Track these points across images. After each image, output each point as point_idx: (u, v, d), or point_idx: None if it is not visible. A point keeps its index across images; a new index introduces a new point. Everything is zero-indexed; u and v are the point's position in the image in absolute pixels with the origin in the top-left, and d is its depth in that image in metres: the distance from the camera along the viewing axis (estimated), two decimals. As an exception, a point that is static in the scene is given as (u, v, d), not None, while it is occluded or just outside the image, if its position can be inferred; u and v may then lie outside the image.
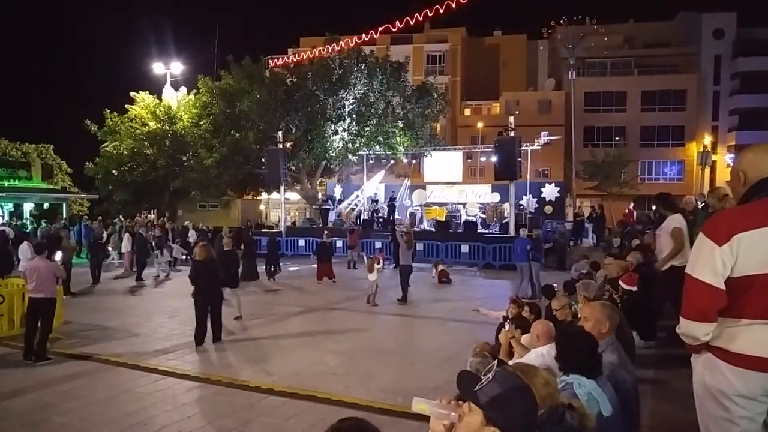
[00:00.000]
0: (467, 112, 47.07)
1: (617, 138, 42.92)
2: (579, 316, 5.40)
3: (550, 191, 27.10)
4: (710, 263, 2.54)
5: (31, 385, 7.04)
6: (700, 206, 8.84)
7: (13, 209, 27.23)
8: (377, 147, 26.79)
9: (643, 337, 6.60)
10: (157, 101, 31.47)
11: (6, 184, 26.41)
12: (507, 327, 5.46)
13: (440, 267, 16.53)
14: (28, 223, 24.69)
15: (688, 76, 42.44)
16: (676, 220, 7.04)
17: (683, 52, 43.61)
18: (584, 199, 37.81)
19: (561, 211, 28.07)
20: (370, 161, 28.24)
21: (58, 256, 9.84)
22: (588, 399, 2.79)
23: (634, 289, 6.95)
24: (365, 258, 19.10)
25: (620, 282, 7.03)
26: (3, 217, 25.75)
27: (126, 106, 31.55)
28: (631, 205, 30.00)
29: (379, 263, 12.81)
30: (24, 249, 13.27)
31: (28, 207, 28.09)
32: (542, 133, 24.66)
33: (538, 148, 24.61)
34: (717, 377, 2.60)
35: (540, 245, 14.37)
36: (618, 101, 43.44)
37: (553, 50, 46.60)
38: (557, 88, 44.29)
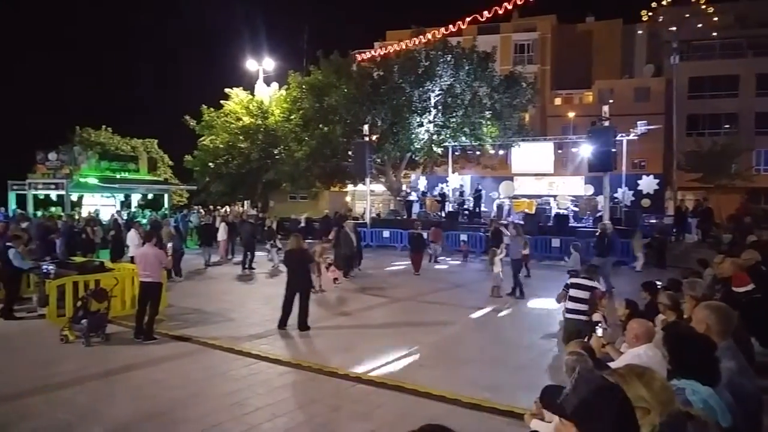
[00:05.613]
0: (557, 101, 45.32)
1: (727, 126, 39.53)
2: (686, 316, 5.01)
3: (647, 184, 25.49)
4: None
5: (140, 362, 7.59)
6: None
7: (123, 199, 29.68)
8: (463, 138, 26.43)
9: (762, 343, 5.98)
10: (250, 97, 32.86)
11: (118, 176, 28.76)
12: (599, 332, 5.19)
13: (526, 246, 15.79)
14: (137, 211, 26.81)
15: (810, 56, 38.27)
16: None
17: (805, 30, 39.36)
18: (686, 192, 35.20)
19: (660, 205, 26.33)
20: (456, 153, 27.91)
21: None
22: (704, 407, 2.56)
23: (749, 288, 6.31)
24: (436, 250, 18.82)
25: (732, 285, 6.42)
26: (115, 206, 28.04)
27: (221, 102, 33.19)
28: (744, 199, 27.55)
29: (496, 255, 12.39)
30: (132, 236, 14.24)
31: (135, 197, 30.48)
32: (639, 122, 23.20)
33: (635, 138, 23.22)
34: None
35: (611, 240, 13.70)
36: (729, 86, 39.88)
37: (653, 34, 43.58)
38: (656, 75, 41.58)
